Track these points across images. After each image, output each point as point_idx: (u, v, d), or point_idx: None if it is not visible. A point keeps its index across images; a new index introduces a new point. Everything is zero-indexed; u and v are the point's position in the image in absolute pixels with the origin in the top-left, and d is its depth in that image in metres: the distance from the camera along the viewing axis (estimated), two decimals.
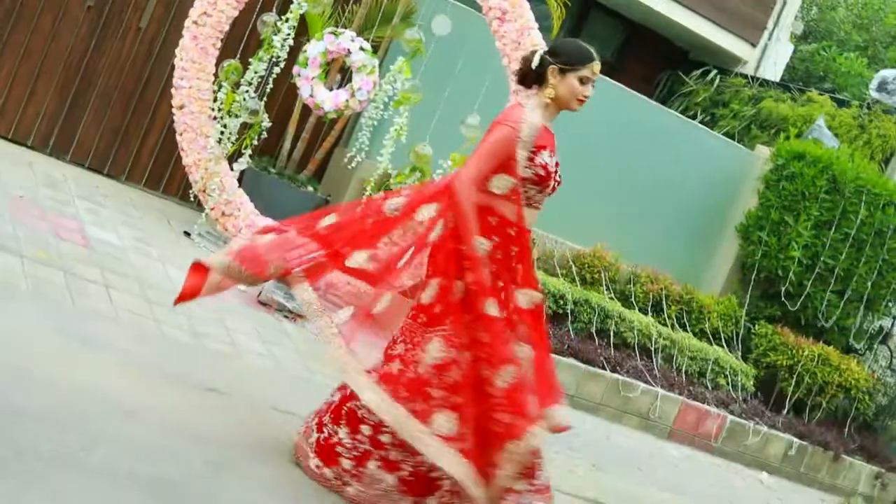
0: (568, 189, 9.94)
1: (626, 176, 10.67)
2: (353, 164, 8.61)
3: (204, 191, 8.33)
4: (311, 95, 8.26)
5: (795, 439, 9.94)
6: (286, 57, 8.36)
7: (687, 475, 8.51)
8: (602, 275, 10.02)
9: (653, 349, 9.64)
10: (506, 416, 4.61)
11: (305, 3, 8.25)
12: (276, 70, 8.37)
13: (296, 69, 8.29)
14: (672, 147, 10.92)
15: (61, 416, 4.47)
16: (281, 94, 9.20)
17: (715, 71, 14.03)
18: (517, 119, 4.87)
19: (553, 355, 6.01)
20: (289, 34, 8.24)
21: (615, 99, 10.58)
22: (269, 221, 8.33)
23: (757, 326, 10.70)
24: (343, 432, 4.85)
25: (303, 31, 8.79)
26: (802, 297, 10.74)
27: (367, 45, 8.35)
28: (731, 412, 9.64)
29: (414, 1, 9.12)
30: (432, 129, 8.47)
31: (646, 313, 10.05)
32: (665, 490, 7.85)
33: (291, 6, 8.26)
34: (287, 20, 8.23)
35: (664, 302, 10.25)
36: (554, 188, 4.98)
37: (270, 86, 8.47)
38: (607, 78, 11.09)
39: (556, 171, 4.97)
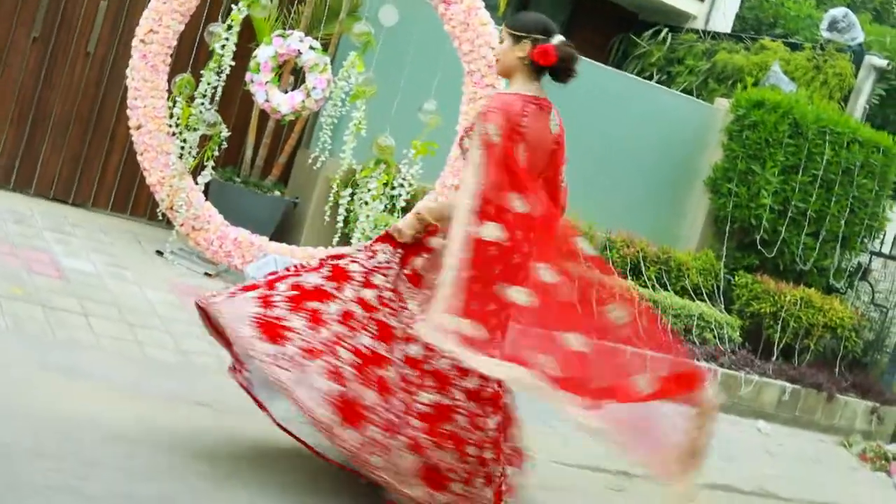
0: None
1: (589, 144, 10.66)
2: (318, 164, 8.60)
3: (171, 208, 8.30)
4: (267, 100, 8.24)
5: (788, 384, 10.00)
6: (234, 63, 8.32)
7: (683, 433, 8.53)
8: None
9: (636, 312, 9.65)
10: None
11: (246, 7, 8.23)
12: (223, 77, 8.30)
13: (248, 76, 8.26)
14: (631, 110, 10.93)
15: (54, 448, 4.47)
16: (237, 102, 9.17)
17: (666, 29, 14.04)
18: None
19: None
20: (228, 38, 8.20)
21: None
22: (239, 231, 8.32)
23: (736, 277, 10.74)
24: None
25: (251, 36, 8.77)
26: (778, 244, 10.78)
27: (317, 44, 8.33)
28: (721, 365, 9.68)
29: None
30: (392, 120, 8.47)
31: (625, 277, 10.06)
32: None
33: (233, 11, 8.24)
34: (230, 27, 8.20)
35: (642, 264, 10.27)
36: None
37: (220, 94, 8.42)
38: None
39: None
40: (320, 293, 4.87)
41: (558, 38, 5.03)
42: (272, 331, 4.72)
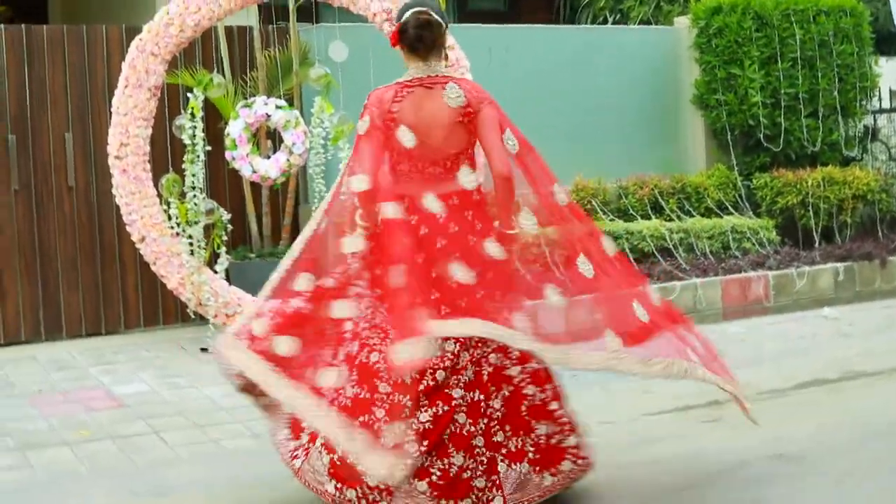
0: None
1: (569, 105, 10.68)
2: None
3: (200, 304, 8.35)
4: (255, 171, 8.28)
5: (839, 264, 9.99)
6: (210, 147, 8.38)
7: (756, 345, 8.54)
8: (593, 203, 10.05)
9: (671, 246, 9.67)
10: None
11: (202, 92, 8.28)
12: (205, 164, 8.34)
13: (228, 155, 8.30)
14: (597, 59, 10.93)
15: None
16: (226, 183, 9.23)
17: None
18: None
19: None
20: (195, 126, 8.24)
21: (524, 41, 10.61)
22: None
23: (754, 181, 10.74)
24: None
25: (219, 115, 8.82)
26: (782, 135, 10.77)
27: (282, 101, 8.37)
28: (770, 268, 9.68)
29: (304, 40, 9.14)
30: None
31: (649, 218, 10.08)
32: (744, 367, 7.85)
33: (189, 99, 8.28)
34: (193, 115, 8.24)
35: (660, 199, 10.28)
36: None
37: (207, 181, 8.45)
38: (507, 25, 11.13)
39: None
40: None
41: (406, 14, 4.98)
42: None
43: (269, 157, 8.44)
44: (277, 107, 8.28)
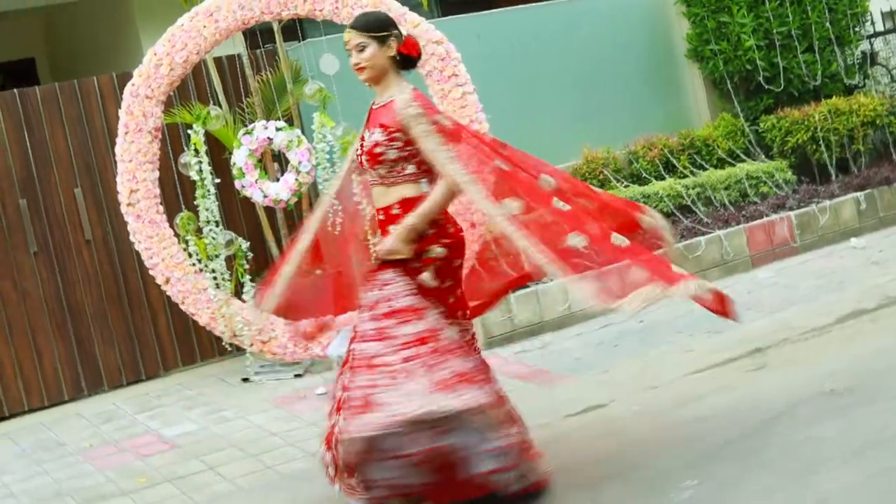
0: (531, 124, 9.98)
1: (566, 79, 10.65)
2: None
3: (234, 335, 8.37)
4: (266, 196, 8.30)
5: (858, 193, 9.95)
6: (219, 179, 8.42)
7: (789, 287, 8.53)
8: (605, 172, 10.04)
9: (689, 203, 9.65)
10: None
11: (201, 126, 8.30)
12: (216, 197, 8.38)
13: (237, 184, 8.33)
14: (585, 28, 10.89)
15: None
16: (239, 212, 9.24)
17: None
18: None
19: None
20: (201, 161, 8.27)
21: (511, 23, 10.60)
22: (303, 323, 8.35)
23: (761, 124, 10.71)
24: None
25: (223, 147, 8.84)
26: (781, 74, 10.73)
27: (282, 123, 8.38)
28: (791, 208, 9.66)
29: (293, 59, 9.14)
30: None
31: (662, 178, 10.07)
32: (781, 311, 7.87)
33: (191, 135, 8.31)
34: (196, 151, 8.26)
35: (671, 158, 10.26)
36: (361, 163, 5.33)
37: (221, 212, 8.46)
38: (493, 10, 11.12)
39: (361, 148, 5.30)
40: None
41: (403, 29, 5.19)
42: None
43: (277, 180, 8.45)
44: (278, 129, 8.30)
